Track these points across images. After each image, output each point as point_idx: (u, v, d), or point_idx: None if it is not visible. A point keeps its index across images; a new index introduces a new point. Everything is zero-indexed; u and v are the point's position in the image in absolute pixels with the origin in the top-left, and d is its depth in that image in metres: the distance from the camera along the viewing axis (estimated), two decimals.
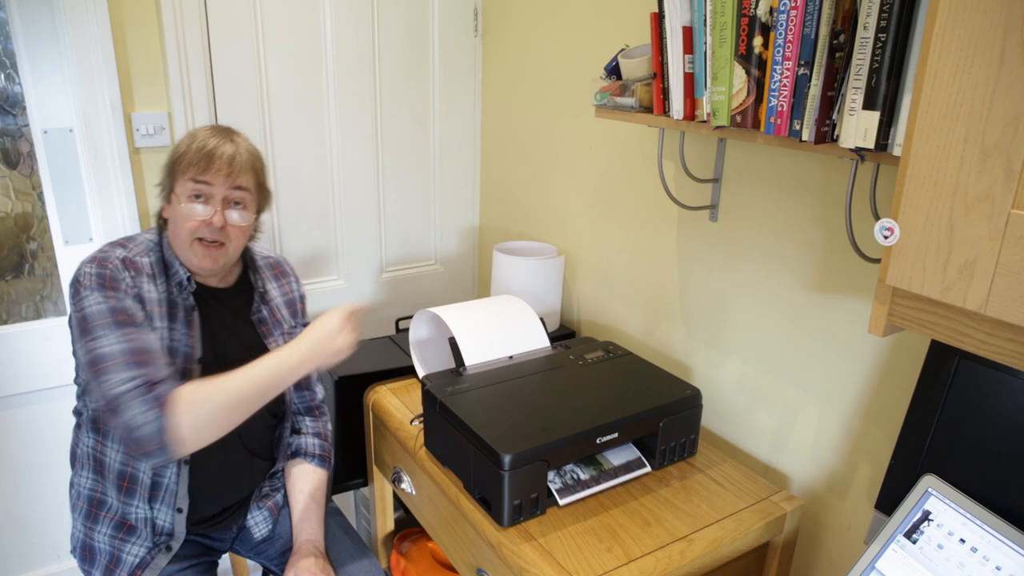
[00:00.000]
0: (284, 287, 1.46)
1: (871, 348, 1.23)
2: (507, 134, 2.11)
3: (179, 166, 1.23)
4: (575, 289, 1.94)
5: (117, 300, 1.17)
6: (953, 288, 0.76)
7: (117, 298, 1.17)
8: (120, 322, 1.15)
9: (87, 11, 1.60)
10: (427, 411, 1.36)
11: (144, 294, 1.22)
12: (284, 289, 1.46)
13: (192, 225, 1.23)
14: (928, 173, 0.76)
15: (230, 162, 1.23)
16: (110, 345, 1.12)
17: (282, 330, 1.43)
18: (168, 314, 1.24)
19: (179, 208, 1.24)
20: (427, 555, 1.76)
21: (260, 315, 1.39)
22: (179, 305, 1.27)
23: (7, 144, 1.68)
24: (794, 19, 0.99)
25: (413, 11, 2.01)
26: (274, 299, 1.43)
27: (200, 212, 1.23)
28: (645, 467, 1.31)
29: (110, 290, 1.17)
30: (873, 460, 1.26)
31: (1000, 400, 0.94)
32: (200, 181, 1.22)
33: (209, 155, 1.22)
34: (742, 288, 1.45)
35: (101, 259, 1.21)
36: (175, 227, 1.25)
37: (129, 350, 1.12)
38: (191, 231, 1.23)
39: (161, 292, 1.25)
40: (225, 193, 1.24)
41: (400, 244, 2.20)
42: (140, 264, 1.24)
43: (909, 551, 0.96)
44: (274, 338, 1.40)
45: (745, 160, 1.40)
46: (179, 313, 1.26)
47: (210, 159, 1.22)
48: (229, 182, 1.24)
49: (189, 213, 1.23)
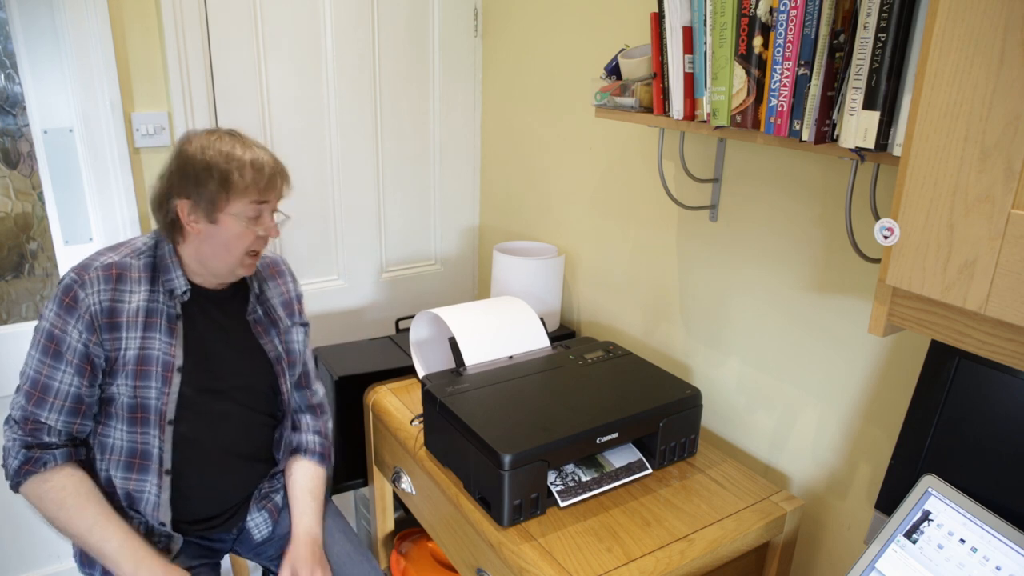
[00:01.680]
0: (281, 287, 1.44)
1: (871, 348, 1.23)
2: (507, 134, 2.11)
3: (233, 188, 1.19)
4: (575, 289, 1.94)
5: (61, 325, 1.18)
6: (953, 288, 0.76)
7: (63, 322, 1.18)
8: (46, 349, 1.19)
9: (87, 11, 1.60)
10: (427, 411, 1.36)
11: (122, 304, 1.21)
12: (281, 289, 1.44)
13: (250, 242, 1.24)
14: (928, 173, 0.76)
15: (275, 174, 1.23)
16: (30, 367, 1.20)
17: (278, 330, 1.41)
18: (145, 323, 1.23)
19: (233, 227, 1.21)
20: (427, 555, 1.76)
21: (255, 315, 1.38)
22: (161, 313, 1.24)
23: (7, 144, 1.68)
24: (794, 19, 0.99)
25: (413, 11, 2.01)
26: (270, 299, 1.42)
27: (263, 230, 1.24)
28: (647, 469, 1.31)
29: (64, 310, 1.18)
30: (873, 460, 1.26)
31: (1000, 400, 0.94)
32: (262, 201, 1.22)
33: (270, 178, 1.22)
34: (742, 288, 1.45)
35: (82, 267, 1.21)
36: (224, 245, 1.23)
37: (34, 381, 1.19)
38: (248, 247, 1.24)
39: (143, 299, 1.23)
40: (275, 205, 1.27)
41: (400, 244, 2.20)
42: (126, 268, 1.23)
43: (909, 551, 0.96)
44: (269, 338, 1.38)
45: (745, 160, 1.40)
46: (159, 322, 1.24)
47: (271, 180, 1.22)
48: (278, 193, 1.26)
49: (250, 233, 1.23)
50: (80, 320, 1.18)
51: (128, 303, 1.21)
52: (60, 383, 1.19)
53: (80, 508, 1.19)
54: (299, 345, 1.44)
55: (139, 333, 1.22)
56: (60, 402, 1.19)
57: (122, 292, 1.21)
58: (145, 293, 1.23)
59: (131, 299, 1.22)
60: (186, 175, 1.19)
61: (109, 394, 1.23)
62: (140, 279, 1.23)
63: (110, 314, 1.20)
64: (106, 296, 1.19)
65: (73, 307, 1.18)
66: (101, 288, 1.19)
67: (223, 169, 1.18)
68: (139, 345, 1.22)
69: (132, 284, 1.22)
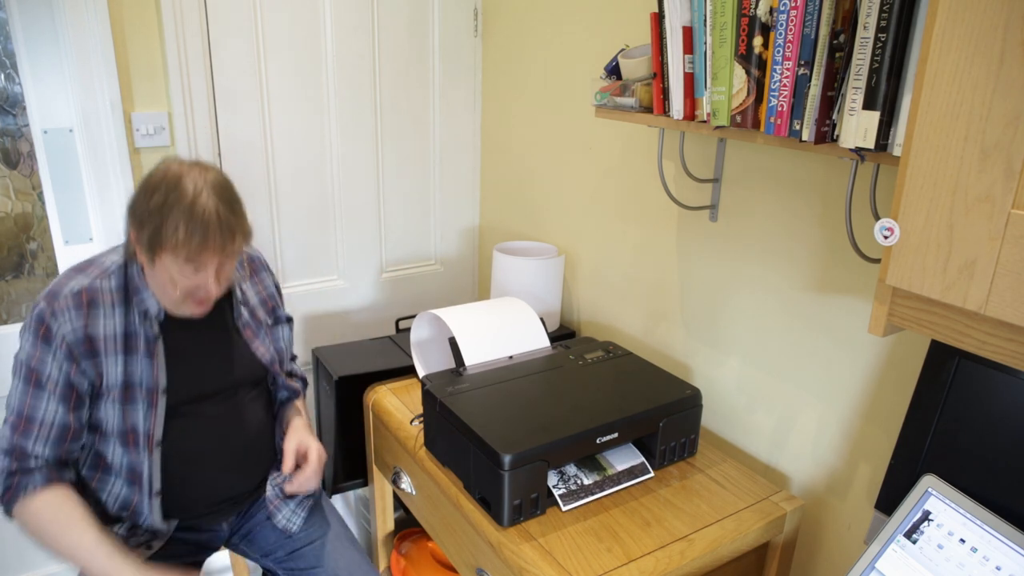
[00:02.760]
0: (258, 285, 1.41)
1: (871, 348, 1.23)
2: (507, 134, 2.11)
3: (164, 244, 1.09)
4: (575, 289, 1.94)
5: (40, 356, 1.15)
6: (953, 288, 0.76)
7: (41, 353, 1.15)
8: (27, 379, 1.16)
9: (87, 11, 1.60)
10: (427, 411, 1.36)
11: (98, 331, 1.17)
12: (258, 288, 1.40)
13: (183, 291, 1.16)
14: (928, 173, 0.76)
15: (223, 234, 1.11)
16: (14, 398, 1.18)
17: (265, 330, 1.39)
18: (124, 347, 1.19)
19: (166, 275, 1.14)
20: (427, 555, 1.76)
21: (243, 320, 1.35)
22: (139, 335, 1.20)
23: (7, 144, 1.68)
24: (794, 19, 0.99)
25: (413, 11, 2.01)
26: (251, 300, 1.38)
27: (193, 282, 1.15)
28: (649, 473, 1.31)
29: (41, 341, 1.15)
30: (873, 460, 1.26)
31: (1000, 400, 0.94)
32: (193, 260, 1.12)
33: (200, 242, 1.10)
34: (742, 288, 1.45)
35: (52, 295, 1.16)
36: (161, 286, 1.17)
37: (18, 412, 1.17)
38: (182, 296, 1.17)
39: (119, 324, 1.18)
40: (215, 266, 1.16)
41: (400, 244, 2.20)
42: (97, 292, 1.17)
43: (909, 551, 0.96)
44: (260, 341, 1.36)
45: (745, 160, 1.40)
46: (139, 344, 1.20)
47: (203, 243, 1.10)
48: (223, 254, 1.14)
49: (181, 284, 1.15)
50: (57, 350, 1.15)
51: (103, 328, 1.18)
52: (45, 412, 1.17)
53: (61, 531, 1.16)
54: (286, 342, 1.45)
55: (120, 358, 1.19)
56: (46, 431, 1.17)
57: (96, 318, 1.17)
58: (120, 317, 1.19)
59: (106, 324, 1.18)
60: (137, 204, 1.13)
61: (97, 419, 1.22)
62: (113, 302, 1.19)
63: (86, 341, 1.16)
64: (79, 324, 1.15)
65: (48, 338, 1.14)
66: (73, 316, 1.15)
67: (159, 218, 1.09)
68: (122, 371, 1.19)
69: (105, 308, 1.18)
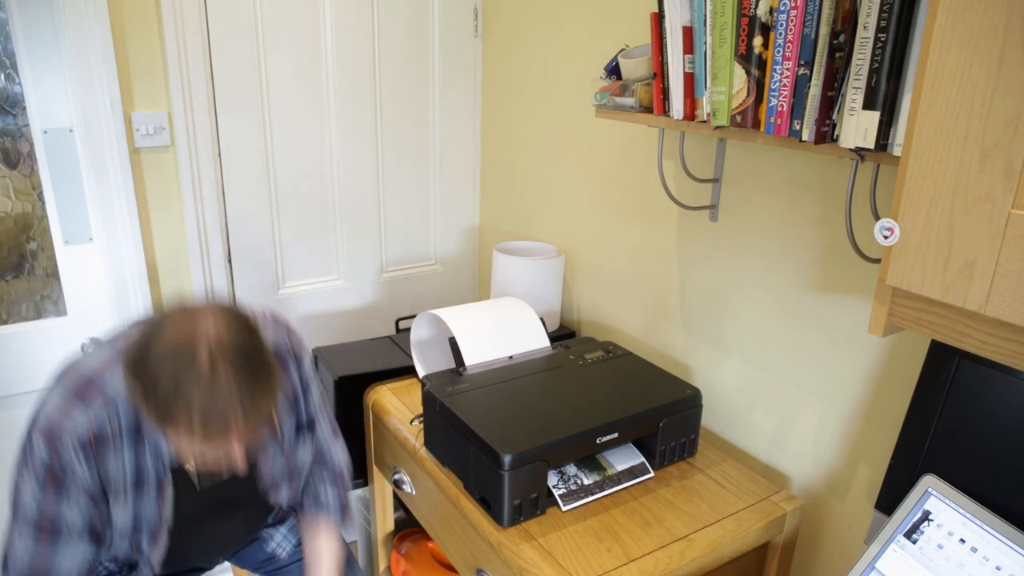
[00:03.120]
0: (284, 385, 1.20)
1: (871, 348, 1.23)
2: (507, 134, 2.11)
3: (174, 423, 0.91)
4: (575, 289, 1.94)
5: (54, 501, 1.01)
6: (953, 288, 0.76)
7: (56, 496, 1.01)
8: (40, 528, 1.02)
9: (87, 11, 1.60)
10: (427, 411, 1.36)
11: (108, 471, 1.05)
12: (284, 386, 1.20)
13: (203, 464, 1.04)
14: (928, 173, 0.76)
15: (244, 413, 0.93)
16: (20, 548, 1.03)
17: (281, 448, 1.22)
18: (135, 486, 1.08)
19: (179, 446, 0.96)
20: (427, 555, 1.76)
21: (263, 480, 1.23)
22: (150, 473, 1.09)
23: (7, 144, 1.68)
24: (794, 19, 0.99)
25: (413, 11, 2.01)
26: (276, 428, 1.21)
27: (213, 458, 0.99)
28: (649, 473, 1.31)
29: (51, 485, 1.00)
30: (873, 460, 1.26)
31: (1000, 400, 0.94)
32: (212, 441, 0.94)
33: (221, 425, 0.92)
34: (742, 288, 1.45)
35: (52, 435, 0.99)
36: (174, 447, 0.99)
37: (29, 565, 1.03)
38: (202, 465, 1.08)
39: (129, 462, 1.06)
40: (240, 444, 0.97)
41: (400, 244, 2.20)
42: (104, 433, 1.03)
43: (909, 551, 0.96)
44: (265, 457, 1.20)
45: (745, 160, 1.40)
46: (149, 480, 1.09)
47: (223, 428, 0.92)
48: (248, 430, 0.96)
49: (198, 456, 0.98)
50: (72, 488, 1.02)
51: (114, 472, 1.06)
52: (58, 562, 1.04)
53: None
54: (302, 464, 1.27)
55: (130, 499, 1.08)
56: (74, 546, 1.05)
57: (105, 455, 1.04)
58: (131, 455, 1.06)
59: (115, 464, 1.05)
60: (137, 374, 0.93)
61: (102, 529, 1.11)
62: (123, 443, 1.05)
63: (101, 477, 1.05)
64: (92, 468, 1.03)
65: (61, 480, 1.01)
66: (83, 461, 1.01)
67: (169, 397, 0.91)
68: (131, 512, 1.10)
69: (115, 451, 1.05)
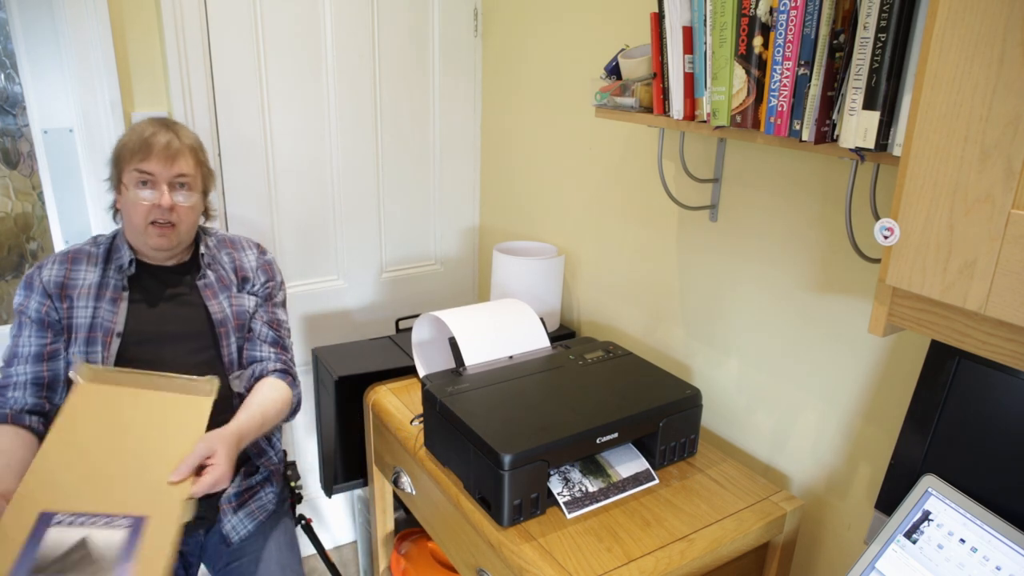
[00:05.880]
0: (234, 255, 1.53)
1: (871, 348, 1.23)
2: (507, 134, 2.11)
3: (123, 157, 1.36)
4: (575, 289, 1.94)
5: (24, 301, 1.37)
6: (953, 288, 0.76)
7: (25, 299, 1.37)
8: (16, 321, 1.38)
9: (87, 11, 1.60)
10: (427, 411, 1.36)
11: (76, 281, 1.38)
12: (234, 257, 1.53)
13: (143, 209, 1.35)
14: (928, 173, 0.76)
15: (167, 146, 1.34)
16: (10, 340, 1.38)
17: (229, 293, 1.48)
18: (96, 295, 1.38)
19: (128, 196, 1.36)
20: (427, 555, 1.76)
21: (205, 280, 1.47)
22: (109, 286, 1.39)
23: (7, 144, 1.68)
24: (794, 19, 0.99)
25: (413, 11, 2.01)
26: (223, 266, 1.50)
27: (148, 196, 1.35)
28: (654, 480, 1.30)
29: (26, 289, 1.37)
30: (873, 460, 1.26)
31: (1000, 400, 0.94)
32: (143, 170, 1.33)
33: (147, 143, 1.33)
34: (742, 288, 1.45)
35: (47, 257, 1.40)
36: (128, 214, 1.37)
37: (8, 350, 1.37)
38: (144, 215, 1.35)
39: (96, 276, 1.39)
40: (169, 178, 1.35)
41: (400, 244, 2.20)
42: (83, 252, 1.41)
43: (909, 551, 0.96)
44: (217, 300, 1.46)
45: (745, 160, 1.40)
46: (107, 293, 1.39)
47: (149, 147, 1.33)
48: (170, 167, 1.35)
49: (137, 199, 1.35)
50: (36, 292, 1.36)
51: (83, 280, 1.39)
52: (23, 347, 1.35)
53: None
54: (246, 310, 1.50)
55: (91, 304, 1.38)
56: (24, 365, 1.34)
57: (76, 271, 1.39)
58: (99, 272, 1.40)
59: (85, 277, 1.39)
60: (112, 152, 1.40)
61: (67, 362, 1.37)
62: (96, 261, 1.41)
63: (60, 287, 1.37)
64: (59, 274, 1.38)
65: (31, 285, 1.37)
66: (55, 268, 1.38)
67: (122, 142, 1.37)
68: (90, 315, 1.37)
69: (87, 265, 1.40)
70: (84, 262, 1.40)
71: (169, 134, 1.36)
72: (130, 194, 1.35)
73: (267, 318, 1.52)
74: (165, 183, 1.35)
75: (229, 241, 1.54)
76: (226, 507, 1.43)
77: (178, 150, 1.36)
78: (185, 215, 1.38)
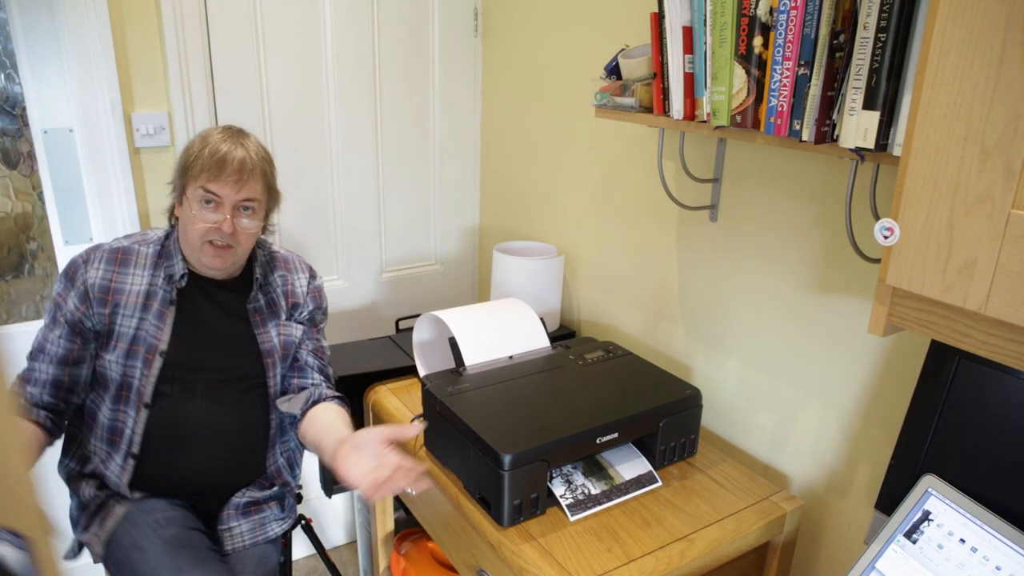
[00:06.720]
0: (286, 276, 1.47)
1: (871, 348, 1.23)
2: (507, 134, 2.11)
3: (191, 171, 1.27)
4: (575, 289, 1.94)
5: (63, 294, 1.30)
6: (953, 288, 0.76)
7: (64, 292, 1.30)
8: (49, 313, 1.32)
9: (87, 11, 1.60)
10: (427, 411, 1.36)
11: (123, 286, 1.31)
12: (286, 279, 1.47)
13: (202, 229, 1.28)
14: (928, 173, 0.76)
15: (240, 170, 1.26)
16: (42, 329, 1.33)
17: (277, 321, 1.43)
18: (143, 305, 1.32)
19: (190, 211, 1.28)
20: (427, 555, 1.76)
21: (256, 304, 1.41)
22: (157, 297, 1.32)
23: (7, 144, 1.68)
24: (794, 19, 0.99)
25: (413, 11, 2.01)
26: (274, 289, 1.44)
27: (211, 218, 1.28)
28: (656, 482, 1.30)
29: (67, 279, 1.30)
30: (873, 460, 1.26)
31: (1000, 400, 0.94)
32: (210, 190, 1.26)
33: (220, 163, 1.25)
34: (742, 288, 1.45)
35: (95, 247, 1.33)
36: (186, 228, 1.30)
37: (37, 340, 1.33)
38: (201, 234, 1.28)
39: (144, 283, 1.32)
40: (235, 202, 1.28)
41: (400, 244, 2.20)
42: (133, 253, 1.33)
43: (909, 551, 0.96)
44: (265, 328, 1.41)
45: (745, 160, 1.40)
46: (154, 305, 1.32)
47: (221, 167, 1.25)
48: (239, 191, 1.27)
49: (200, 218, 1.28)
50: (76, 292, 1.29)
51: (130, 286, 1.31)
52: (52, 345, 1.30)
53: None
54: (293, 340, 1.45)
55: (137, 314, 1.31)
56: (48, 364, 1.29)
57: (124, 275, 1.31)
58: (148, 277, 1.33)
59: (133, 282, 1.32)
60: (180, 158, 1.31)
61: (102, 368, 1.31)
62: (145, 264, 1.33)
63: (103, 291, 1.30)
64: (105, 276, 1.30)
65: (72, 279, 1.30)
66: (102, 267, 1.30)
67: (193, 153, 1.28)
68: (135, 326, 1.31)
69: (136, 268, 1.32)
70: (133, 264, 1.32)
71: (242, 151, 1.27)
72: (192, 210, 1.27)
73: (312, 347, 1.49)
74: (231, 206, 1.27)
75: (283, 261, 1.48)
76: (233, 512, 1.40)
77: (250, 172, 1.28)
78: (245, 240, 1.32)
